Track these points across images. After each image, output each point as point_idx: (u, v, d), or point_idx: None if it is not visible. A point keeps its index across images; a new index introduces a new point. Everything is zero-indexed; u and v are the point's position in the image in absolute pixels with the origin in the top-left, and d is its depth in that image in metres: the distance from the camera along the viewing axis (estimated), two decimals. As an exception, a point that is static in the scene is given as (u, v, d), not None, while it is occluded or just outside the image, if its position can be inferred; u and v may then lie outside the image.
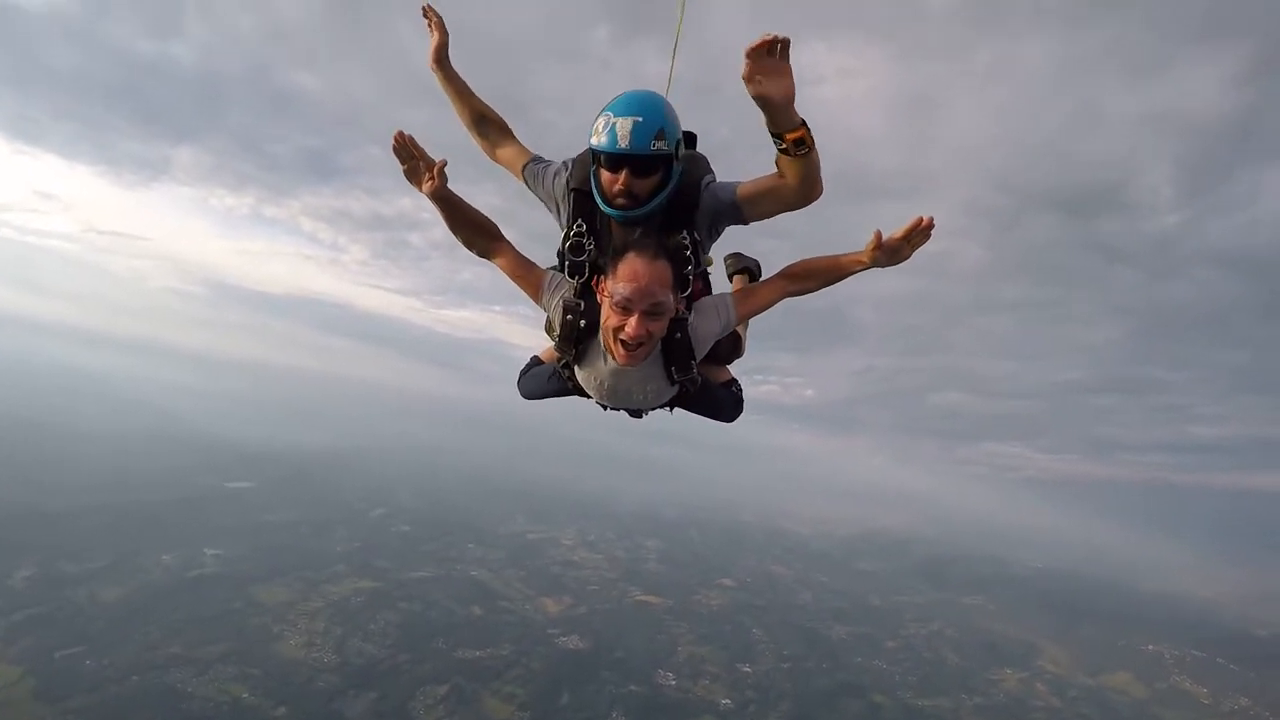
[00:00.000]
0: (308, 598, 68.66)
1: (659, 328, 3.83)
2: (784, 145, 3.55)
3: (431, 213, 4.16)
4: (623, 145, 3.74)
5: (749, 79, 3.25)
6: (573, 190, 4.33)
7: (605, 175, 3.97)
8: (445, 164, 3.89)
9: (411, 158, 3.90)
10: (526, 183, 4.65)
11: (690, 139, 4.44)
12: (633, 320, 3.70)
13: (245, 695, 50.81)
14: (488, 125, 4.73)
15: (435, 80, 4.75)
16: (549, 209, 4.59)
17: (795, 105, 3.39)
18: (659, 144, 3.79)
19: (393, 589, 74.71)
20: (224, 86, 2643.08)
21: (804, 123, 3.50)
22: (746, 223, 4.32)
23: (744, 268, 6.13)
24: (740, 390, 5.42)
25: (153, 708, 47.09)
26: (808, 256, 4.31)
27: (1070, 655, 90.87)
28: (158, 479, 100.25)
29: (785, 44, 3.20)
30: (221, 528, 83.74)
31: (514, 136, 4.76)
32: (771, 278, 4.41)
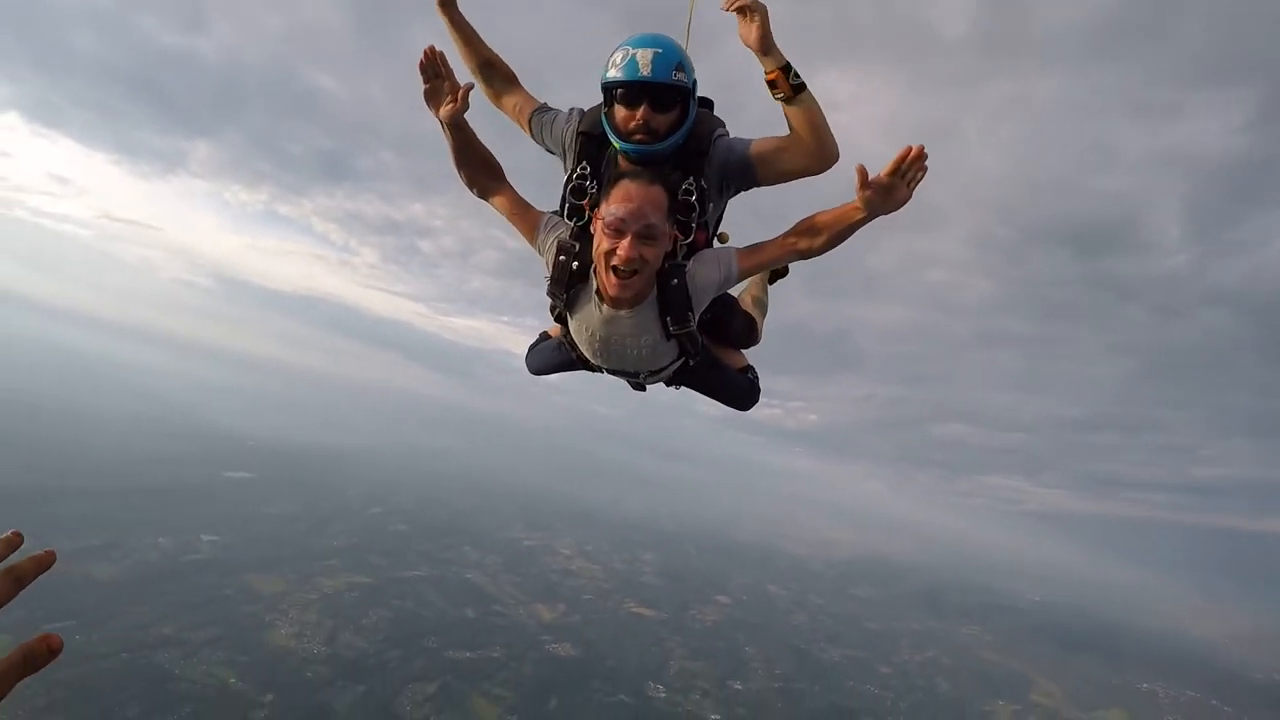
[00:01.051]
0: (301, 589, 68.50)
1: (653, 255, 3.66)
2: (777, 86, 3.71)
3: (449, 169, 4.09)
4: (644, 73, 3.73)
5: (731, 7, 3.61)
6: (581, 134, 4.27)
7: (621, 111, 3.93)
8: (471, 88, 3.77)
9: (437, 76, 3.75)
10: (532, 132, 4.57)
11: (707, 104, 4.44)
12: (625, 242, 3.55)
13: (233, 680, 50.61)
14: (494, 73, 4.61)
15: (443, 25, 4.56)
16: (558, 157, 4.51)
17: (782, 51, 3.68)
18: (679, 75, 3.79)
19: (386, 586, 74.56)
20: (245, 84, 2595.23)
21: (789, 64, 3.66)
22: (760, 184, 4.24)
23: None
24: (756, 377, 5.18)
25: (139, 686, 46.95)
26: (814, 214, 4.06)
27: (1064, 689, 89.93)
28: (158, 465, 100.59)
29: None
30: (219, 516, 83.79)
31: (520, 85, 4.65)
32: (780, 235, 4.12)
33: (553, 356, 4.85)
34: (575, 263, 3.98)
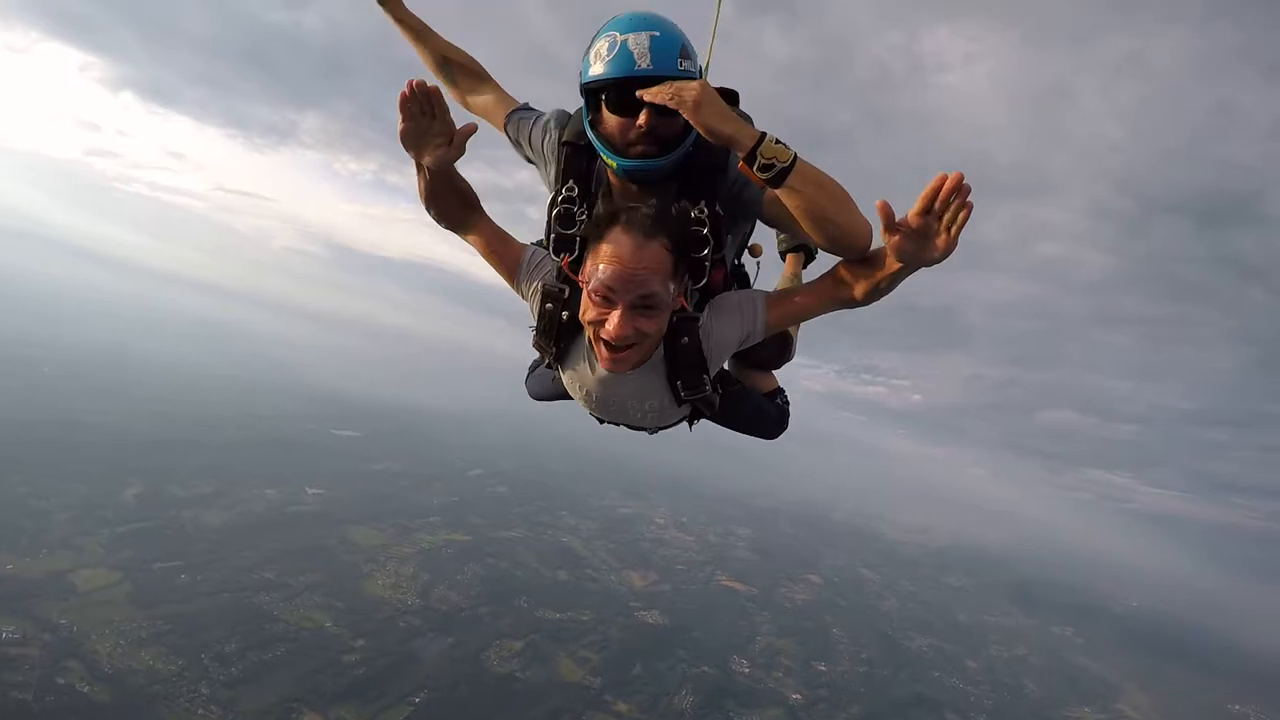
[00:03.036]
0: (400, 543, 70.21)
1: (652, 326, 2.87)
2: (760, 168, 2.76)
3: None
4: (643, 65, 2.85)
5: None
6: (565, 144, 3.44)
7: (613, 119, 3.04)
8: (473, 132, 2.87)
9: (424, 115, 2.76)
10: (509, 137, 3.79)
11: (730, 97, 3.46)
12: (616, 315, 2.77)
13: (328, 624, 52.13)
14: (456, 69, 3.91)
15: (388, 19, 3.96)
16: (539, 169, 3.73)
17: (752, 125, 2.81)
18: (685, 64, 2.94)
19: (483, 544, 75.76)
20: (351, 54, 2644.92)
21: (763, 136, 2.76)
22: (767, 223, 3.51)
23: (801, 244, 4.97)
24: (786, 402, 4.49)
25: (239, 624, 48.89)
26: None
27: (1153, 702, 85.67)
28: (269, 421, 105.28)
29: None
30: (325, 471, 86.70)
31: (490, 80, 3.93)
32: (815, 280, 3.34)
33: (555, 386, 4.08)
34: (564, 312, 3.25)
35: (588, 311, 2.87)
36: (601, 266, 2.73)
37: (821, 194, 2.78)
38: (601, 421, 3.87)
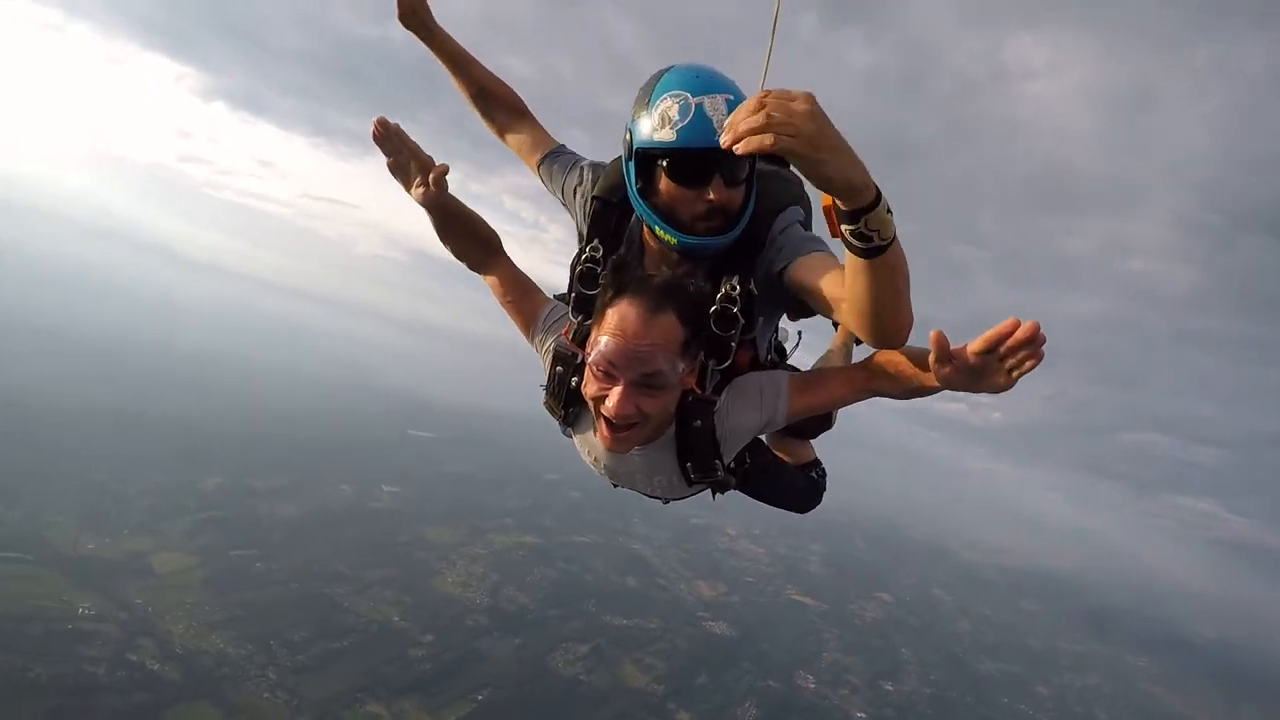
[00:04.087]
0: (472, 543, 70.63)
1: (656, 407, 2.51)
2: (855, 233, 1.98)
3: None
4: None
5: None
6: (595, 199, 3.11)
7: (676, 189, 2.62)
8: (446, 171, 2.62)
9: (397, 151, 2.63)
10: (542, 179, 3.54)
11: None
12: (617, 393, 2.41)
13: (396, 618, 52.75)
14: (492, 103, 3.58)
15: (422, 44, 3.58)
16: (571, 215, 3.44)
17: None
18: None
19: (554, 548, 75.89)
20: (436, 68, 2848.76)
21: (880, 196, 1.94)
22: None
23: None
24: (822, 474, 4.15)
25: (309, 613, 49.96)
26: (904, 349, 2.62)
27: None
28: (348, 420, 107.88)
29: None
30: (401, 470, 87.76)
31: (529, 117, 3.61)
32: (855, 366, 2.98)
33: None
34: (574, 378, 2.89)
35: (589, 385, 2.54)
36: (604, 339, 2.40)
37: (895, 282, 2.15)
38: (615, 486, 3.46)
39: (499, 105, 3.57)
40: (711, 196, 2.56)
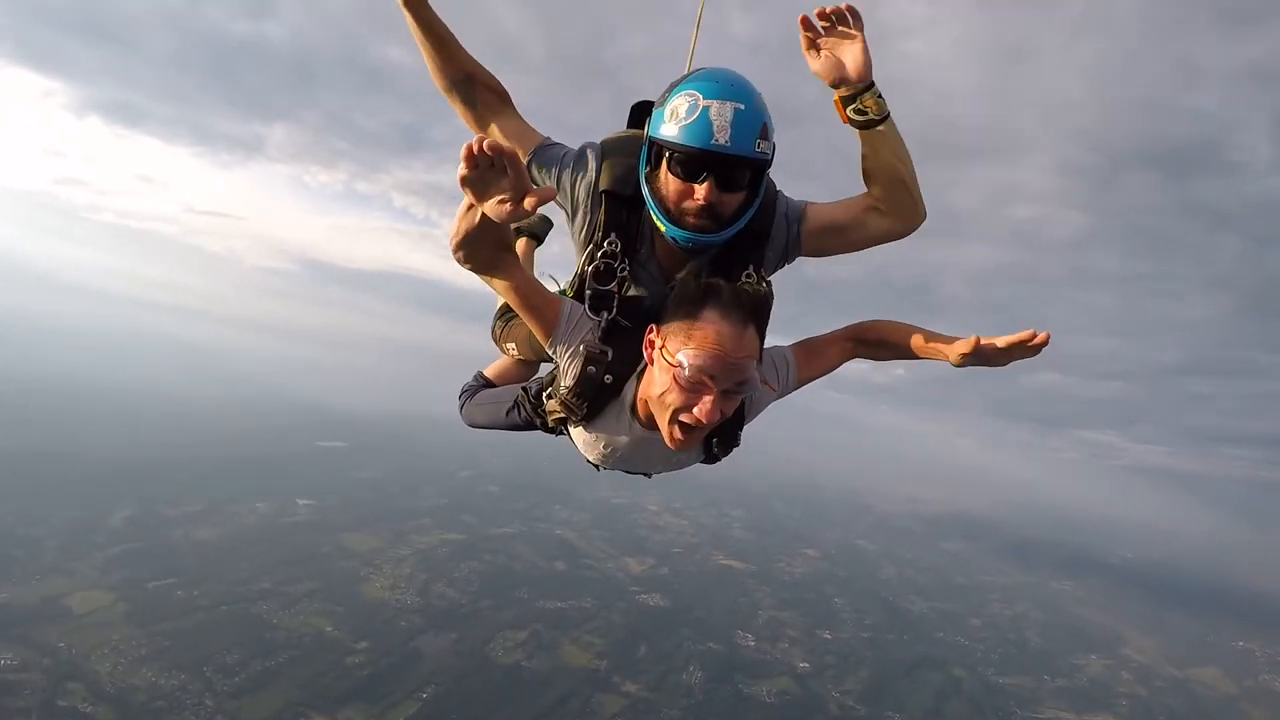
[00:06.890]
0: (395, 547, 70.30)
1: (733, 407, 2.68)
2: (861, 110, 2.79)
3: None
4: (720, 141, 2.61)
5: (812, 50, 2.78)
6: (604, 193, 3.12)
7: (673, 181, 2.79)
8: (548, 199, 2.21)
9: (490, 169, 2.08)
10: (531, 173, 3.31)
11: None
12: (708, 400, 2.52)
13: (329, 629, 52.23)
14: (476, 90, 3.27)
15: (406, 22, 3.09)
16: (564, 210, 3.40)
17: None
18: (763, 145, 2.71)
19: (478, 542, 75.91)
20: (316, 63, 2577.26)
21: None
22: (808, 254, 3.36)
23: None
24: None
25: (239, 635, 48.96)
26: (885, 320, 3.34)
27: (1157, 646, 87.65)
28: (253, 438, 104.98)
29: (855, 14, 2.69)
30: (314, 482, 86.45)
31: (512, 108, 3.37)
32: (840, 335, 3.39)
33: (506, 419, 3.98)
34: (608, 376, 2.98)
35: (670, 394, 2.58)
36: (695, 352, 2.47)
37: (905, 146, 2.87)
38: (598, 469, 3.69)
39: (483, 92, 3.28)
40: (698, 197, 2.72)
